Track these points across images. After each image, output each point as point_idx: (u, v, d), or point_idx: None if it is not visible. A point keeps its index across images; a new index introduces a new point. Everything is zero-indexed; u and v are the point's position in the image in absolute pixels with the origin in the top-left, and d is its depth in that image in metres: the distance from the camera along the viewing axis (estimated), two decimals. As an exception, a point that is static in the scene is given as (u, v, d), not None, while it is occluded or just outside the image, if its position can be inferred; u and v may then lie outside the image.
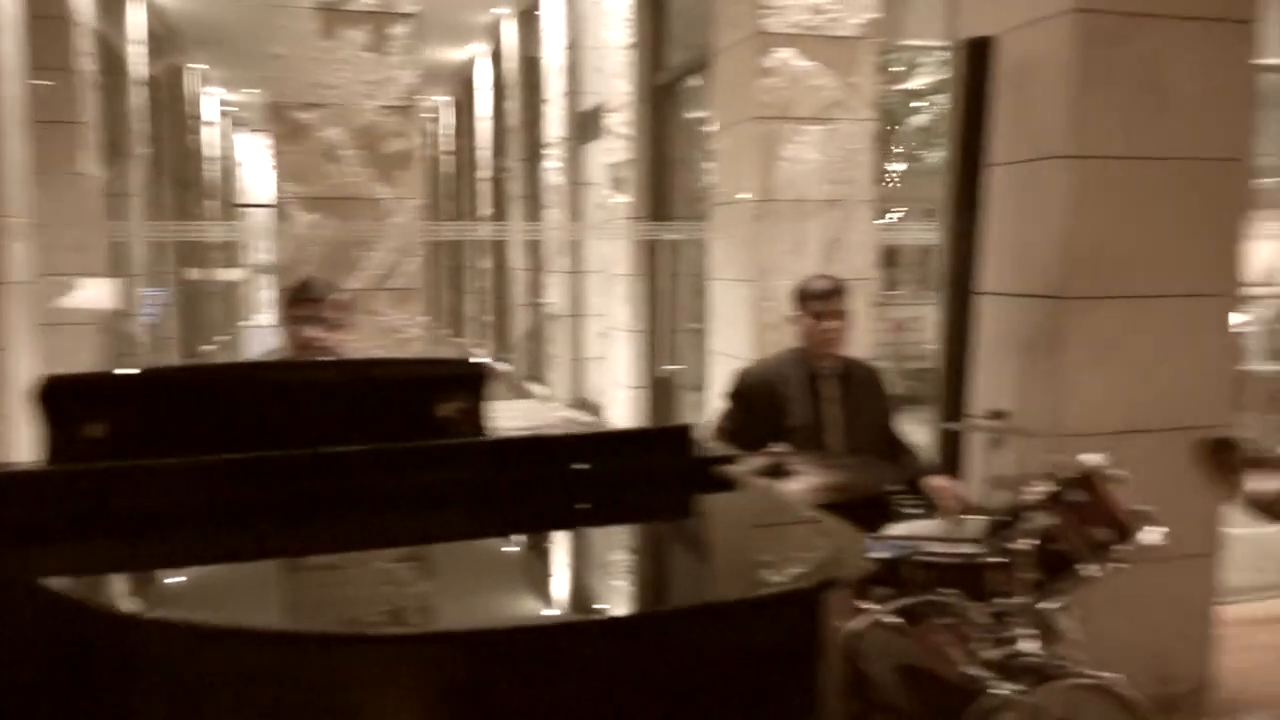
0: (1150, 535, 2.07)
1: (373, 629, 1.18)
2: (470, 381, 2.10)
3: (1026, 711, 1.84)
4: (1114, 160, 2.80)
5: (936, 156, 9.30)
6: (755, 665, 1.14)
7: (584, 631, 1.12)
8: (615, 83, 6.99)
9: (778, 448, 2.24)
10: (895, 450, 2.84)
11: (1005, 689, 1.82)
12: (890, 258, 10.62)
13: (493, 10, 10.58)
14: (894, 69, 9.42)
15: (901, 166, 10.63)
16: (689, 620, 1.14)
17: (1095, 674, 1.90)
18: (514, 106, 10.54)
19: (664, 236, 6.41)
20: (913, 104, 9.32)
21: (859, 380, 2.84)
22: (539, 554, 1.49)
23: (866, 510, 2.46)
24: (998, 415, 2.32)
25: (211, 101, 14.23)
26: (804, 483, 2.17)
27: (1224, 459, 1.18)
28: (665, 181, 6.57)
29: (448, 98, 15.88)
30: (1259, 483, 1.15)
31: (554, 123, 8.88)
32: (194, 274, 12.07)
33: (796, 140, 4.67)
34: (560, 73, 8.68)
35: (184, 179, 11.71)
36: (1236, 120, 2.90)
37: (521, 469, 1.65)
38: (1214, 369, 2.95)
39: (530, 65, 10.18)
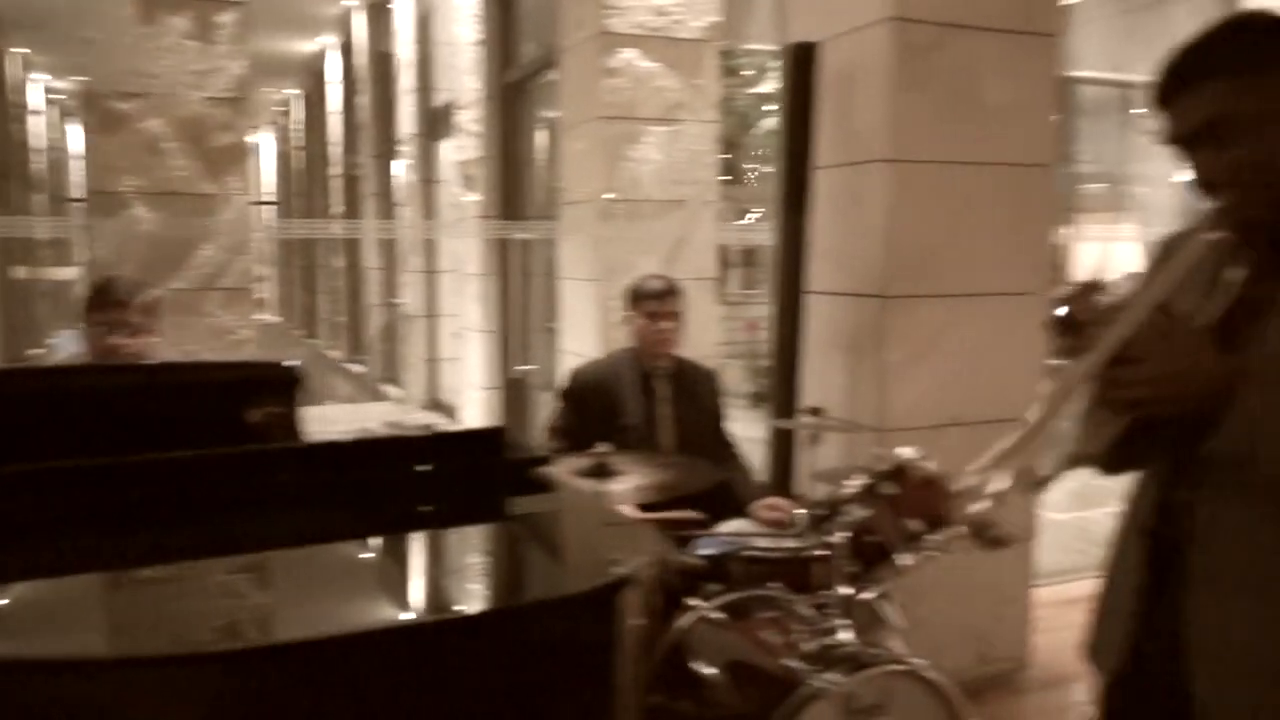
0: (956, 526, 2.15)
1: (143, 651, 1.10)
2: (281, 384, 2.02)
3: (839, 700, 1.89)
4: (931, 164, 2.92)
5: (787, 159, 9.56)
6: (551, 667, 1.12)
7: (364, 641, 1.08)
8: (465, 79, 6.88)
9: (602, 447, 2.23)
10: (725, 454, 2.88)
11: (820, 680, 1.87)
12: (747, 258, 10.86)
13: (343, 2, 10.27)
14: (746, 72, 9.63)
15: (758, 168, 10.86)
16: (478, 626, 1.12)
17: (905, 659, 1.97)
18: (366, 101, 10.26)
19: (514, 235, 6.35)
20: (764, 107, 9.52)
21: (692, 381, 2.87)
22: (333, 563, 1.43)
23: (695, 508, 2.49)
24: (815, 412, 2.38)
25: (36, 88, 13.31)
26: (628, 482, 2.17)
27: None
28: (516, 180, 6.51)
29: (298, 91, 15.34)
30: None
31: (405, 119, 8.68)
32: (21, 272, 11.28)
33: (642, 141, 4.69)
34: (410, 68, 8.50)
35: (4, 170, 10.92)
36: (1043, 128, 3.07)
37: (330, 474, 1.59)
38: (1026, 364, 3.11)
39: (381, 59, 9.93)
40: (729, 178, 10.37)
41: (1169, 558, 1.28)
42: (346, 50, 11.48)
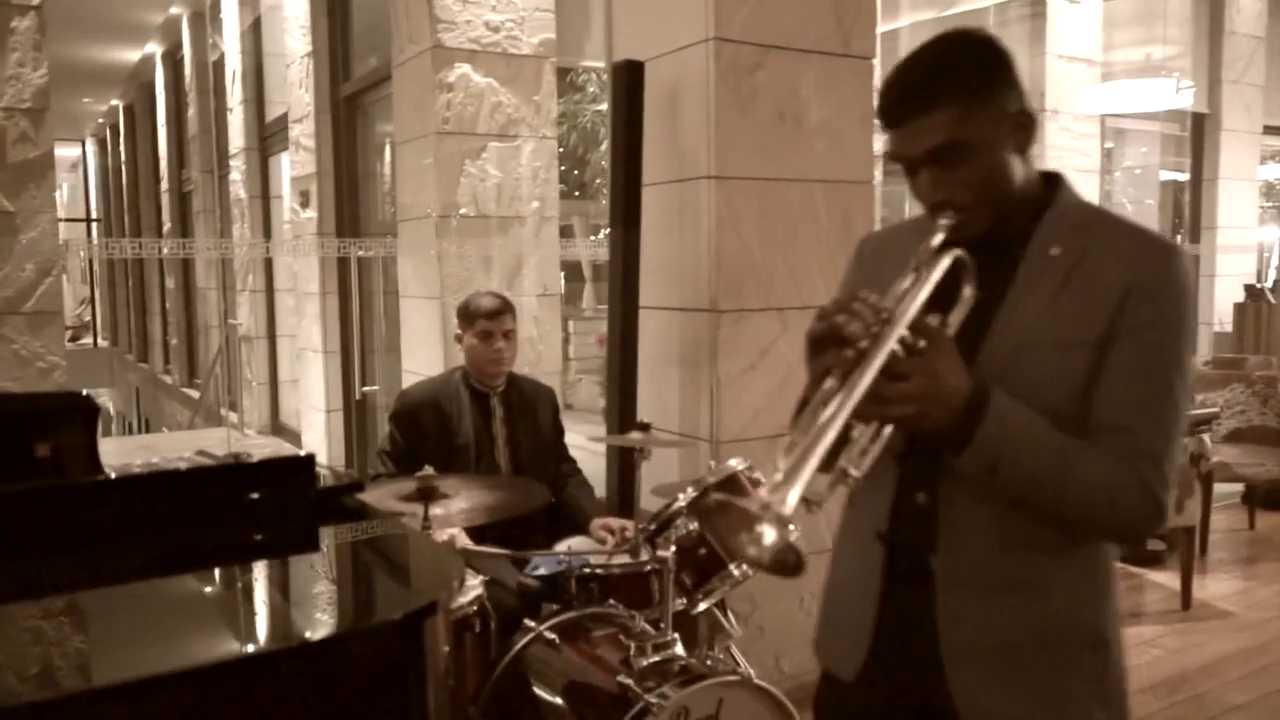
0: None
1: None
2: (76, 415, 1.90)
3: (672, 714, 1.90)
4: (755, 181, 3.00)
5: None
6: (359, 697, 1.08)
7: (172, 681, 1.01)
8: (298, 92, 6.66)
9: (428, 470, 2.18)
10: (566, 471, 2.87)
11: (653, 695, 1.87)
12: (598, 273, 10.91)
13: (170, 9, 9.78)
14: (591, 89, 9.69)
15: (601, 183, 10.92)
16: (277, 663, 1.07)
17: (736, 670, 2.00)
18: (195, 114, 9.80)
19: (351, 253, 6.18)
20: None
21: (528, 398, 2.85)
22: (142, 600, 1.35)
23: (529, 527, 2.47)
24: (644, 427, 2.39)
25: None
26: (456, 504, 2.13)
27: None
28: (354, 196, 6.34)
29: (122, 102, 14.51)
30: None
31: (237, 132, 8.33)
32: None
33: (480, 157, 4.65)
34: (241, 79, 8.17)
35: None
36: (862, 146, 3.20)
37: (139, 507, 1.50)
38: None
39: (210, 70, 9.51)
40: (577, 193, 10.42)
41: (908, 560, 1.33)
42: (173, 60, 10.95)
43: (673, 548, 2.05)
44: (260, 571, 1.50)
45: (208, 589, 1.44)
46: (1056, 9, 6.65)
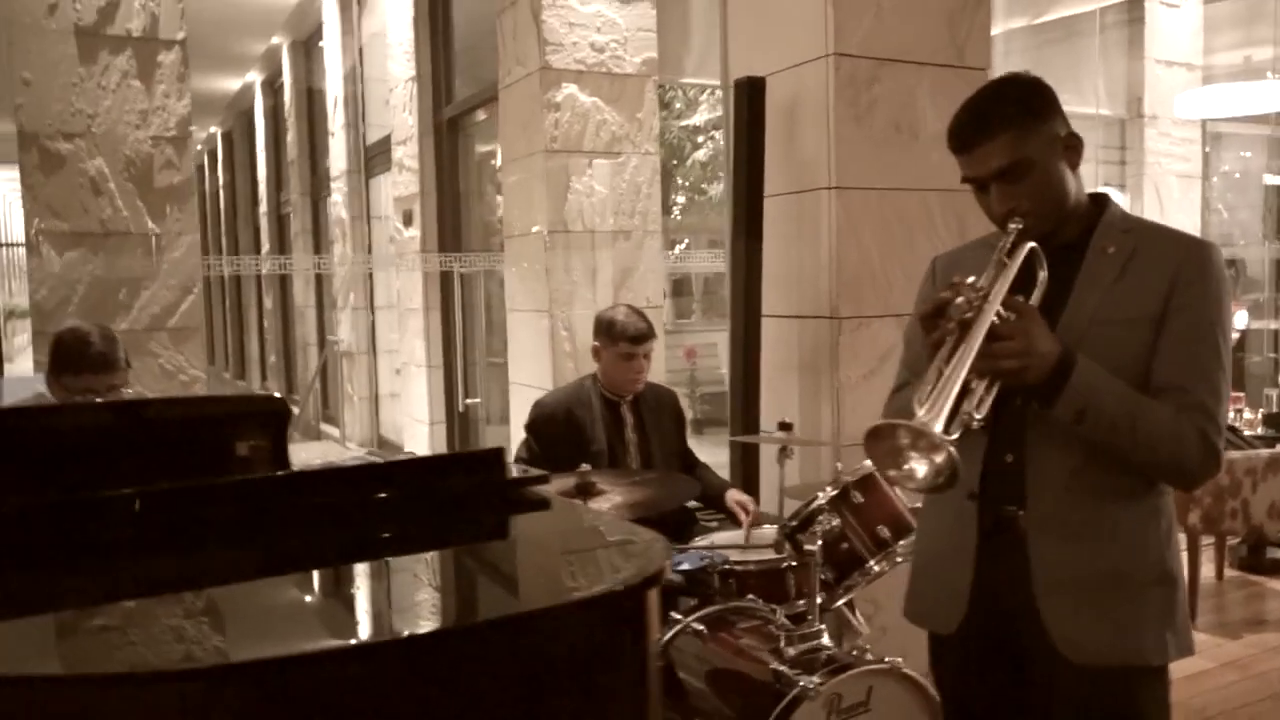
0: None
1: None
2: (268, 417, 2.05)
3: (826, 700, 1.97)
4: (872, 191, 3.07)
5: (718, 189, 9.78)
6: (585, 669, 1.18)
7: (399, 650, 1.13)
8: (401, 115, 6.92)
9: (584, 467, 2.30)
10: (692, 469, 2.97)
11: (808, 681, 1.95)
12: (679, 287, 11.02)
13: (272, 39, 10.22)
14: (675, 105, 9.85)
15: (684, 199, 11.07)
16: (510, 630, 1.17)
17: (884, 658, 2.07)
18: (294, 139, 10.20)
19: (457, 268, 6.39)
20: (698, 139, 9.74)
21: (655, 405, 2.95)
22: (352, 583, 1.47)
23: (670, 524, 2.56)
24: (784, 427, 2.48)
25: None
26: (609, 500, 2.24)
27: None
28: (456, 215, 6.56)
29: (222, 129, 15.14)
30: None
31: (338, 156, 8.66)
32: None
33: (585, 173, 4.80)
34: (342, 104, 8.50)
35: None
36: (976, 155, 3.24)
37: (334, 499, 1.62)
38: (969, 378, 3.27)
39: (311, 96, 9.90)
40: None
41: (995, 515, 1.54)
42: (273, 87, 11.41)
43: (819, 542, 2.12)
44: (466, 556, 1.61)
45: (421, 572, 1.55)
46: (1155, 13, 6.58)
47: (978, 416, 1.41)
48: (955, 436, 1.35)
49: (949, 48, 3.16)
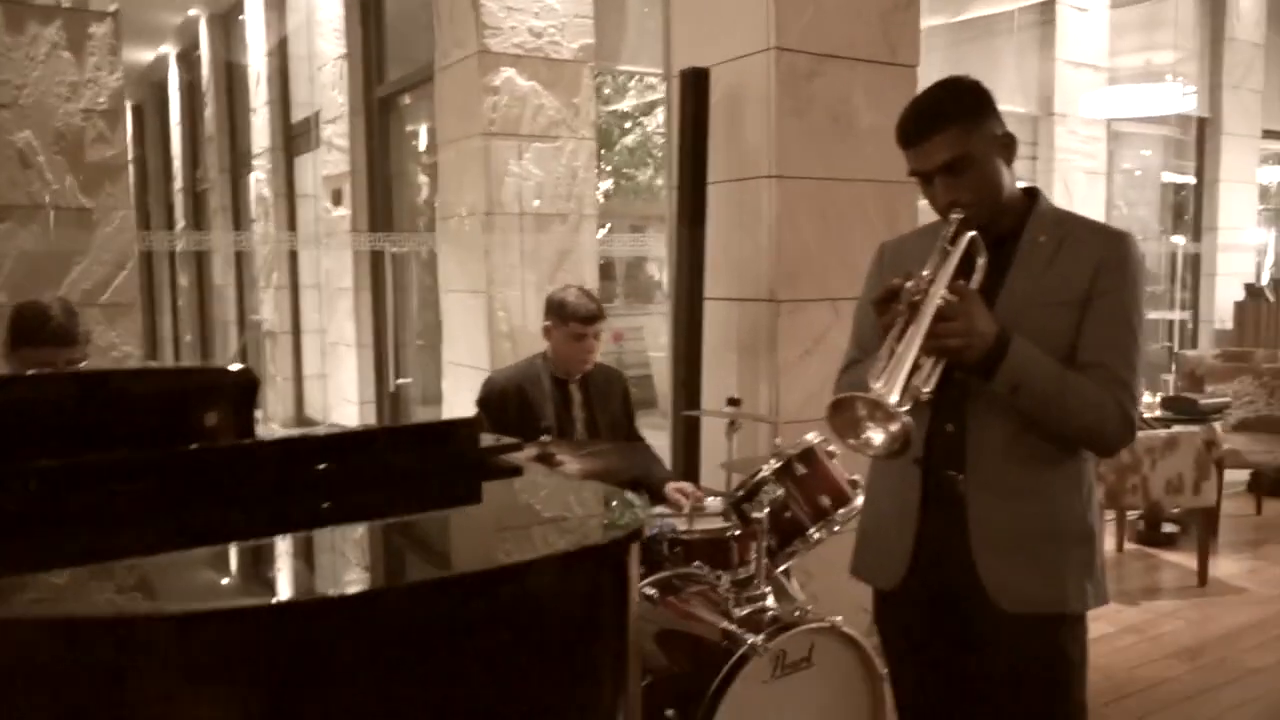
0: (860, 502, 2.43)
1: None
2: (234, 390, 2.09)
3: (772, 656, 2.11)
4: (811, 180, 3.22)
5: (645, 174, 9.88)
6: (575, 619, 1.28)
7: (420, 593, 1.22)
8: (330, 94, 6.85)
9: (544, 437, 2.39)
10: (638, 448, 3.07)
11: (755, 638, 2.08)
12: (602, 271, 11.10)
13: (189, 11, 9.94)
14: (605, 91, 9.90)
15: (609, 184, 11.14)
16: (522, 574, 1.27)
17: (825, 618, 2.22)
18: (213, 114, 9.96)
19: (391, 248, 6.38)
20: (625, 125, 9.81)
21: (603, 385, 3.05)
22: (350, 541, 1.54)
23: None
24: (733, 402, 2.61)
25: None
26: (568, 470, 2.34)
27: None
28: (388, 195, 6.54)
29: (133, 102, 14.62)
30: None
31: (260, 133, 8.50)
32: None
33: (523, 157, 4.85)
34: (265, 80, 8.34)
35: None
36: (905, 148, 3.41)
37: (312, 467, 1.68)
38: (897, 360, 3.45)
39: (230, 71, 9.68)
40: (587, 192, 10.60)
41: (938, 478, 1.71)
42: (189, 60, 11.10)
43: (767, 510, 2.26)
44: (452, 518, 1.68)
45: (413, 531, 1.62)
46: (1066, 16, 6.89)
47: (925, 390, 1.56)
48: (907, 408, 1.49)
49: (882, 45, 3.32)
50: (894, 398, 1.48)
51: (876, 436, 1.49)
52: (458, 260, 5.09)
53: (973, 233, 1.66)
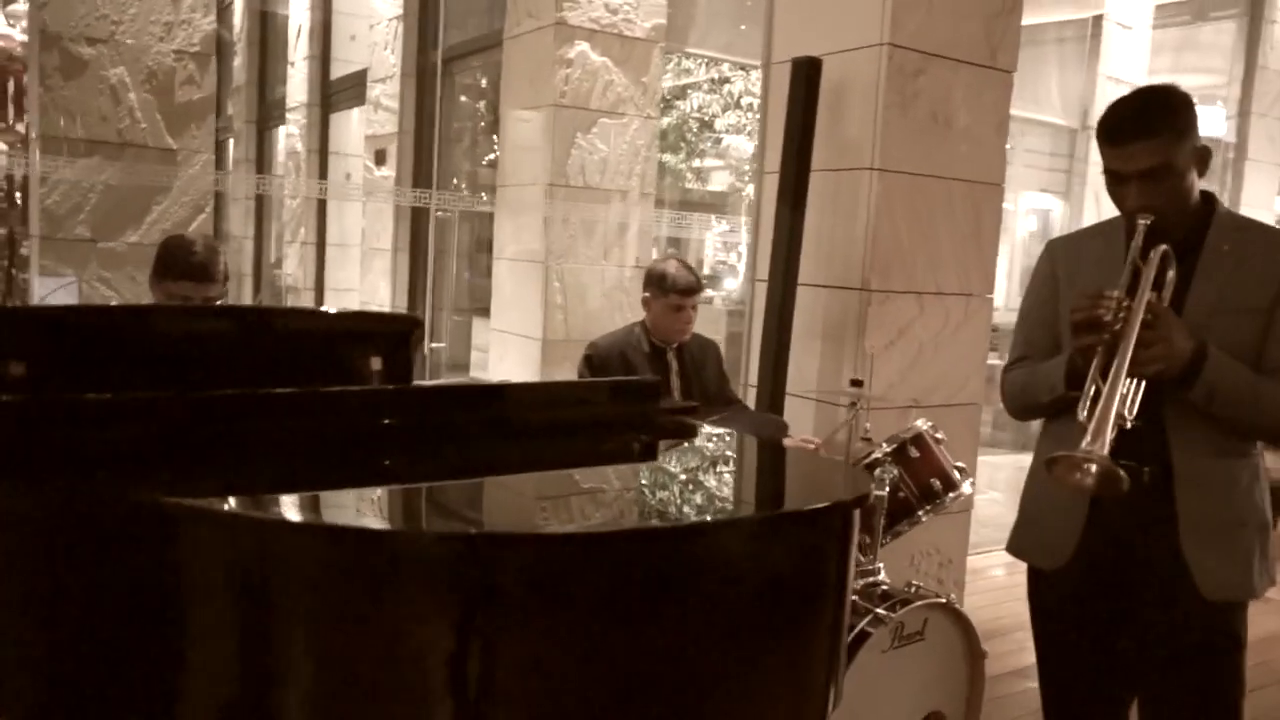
0: (967, 486, 2.53)
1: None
2: (398, 335, 2.16)
3: (892, 628, 2.21)
4: (908, 175, 3.30)
5: (675, 159, 9.91)
6: (816, 569, 1.37)
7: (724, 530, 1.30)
8: (382, 53, 6.86)
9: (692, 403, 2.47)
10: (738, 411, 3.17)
11: (881, 610, 2.18)
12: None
13: (222, -42, 9.85)
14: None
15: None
16: (791, 524, 1.35)
17: (939, 594, 2.32)
18: (242, 63, 9.90)
19: (433, 209, 6.41)
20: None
21: (699, 353, 3.13)
22: (618, 480, 1.61)
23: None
24: (856, 384, 2.70)
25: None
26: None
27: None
28: (433, 159, 6.56)
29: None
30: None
31: (297, 87, 8.47)
32: None
33: (591, 131, 4.91)
34: (307, 34, 8.31)
35: None
36: (996, 151, 3.51)
37: (509, 414, 1.75)
38: (971, 357, 3.56)
39: (265, 21, 9.63)
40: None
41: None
42: (219, 5, 10.99)
43: (887, 488, 2.35)
44: (670, 464, 1.75)
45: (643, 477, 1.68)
46: (1110, 32, 7.01)
47: (1130, 417, 1.63)
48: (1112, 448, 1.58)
49: (984, 49, 3.40)
50: (1105, 450, 1.57)
51: (1090, 482, 1.58)
52: (515, 228, 5.14)
53: (1165, 247, 1.71)
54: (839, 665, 1.45)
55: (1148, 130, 1.69)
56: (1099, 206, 7.23)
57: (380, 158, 6.83)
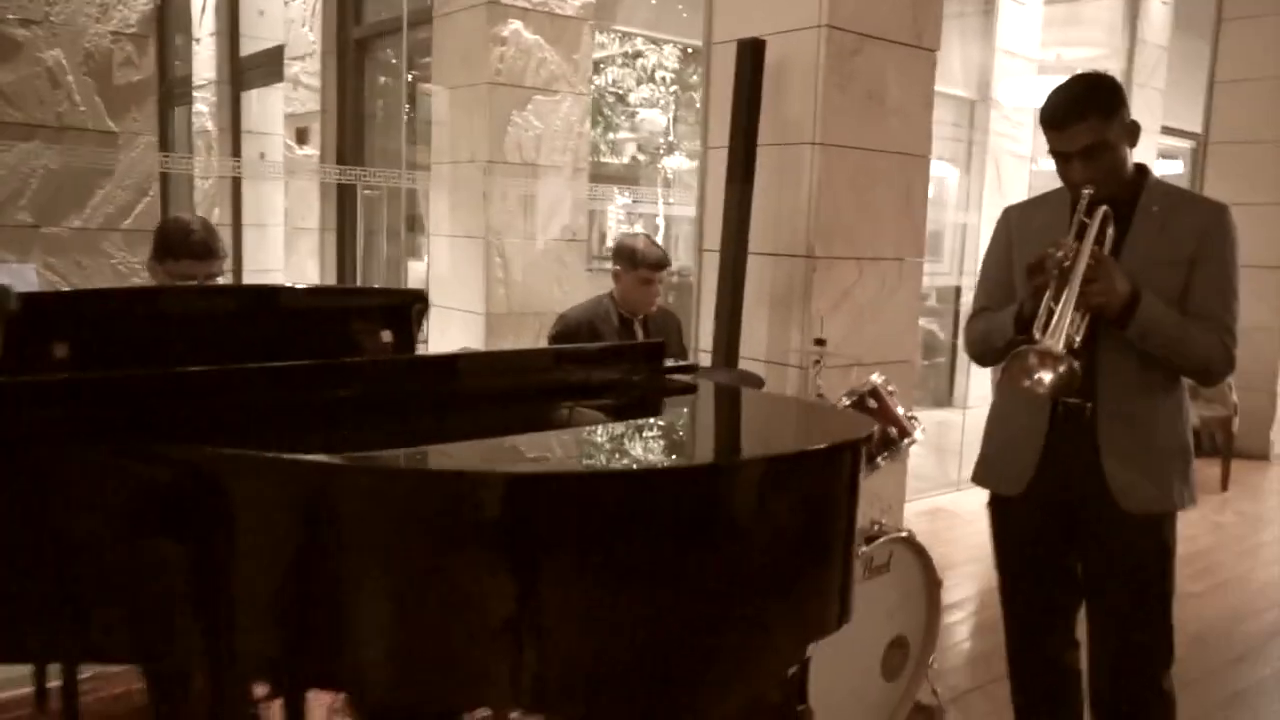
0: (919, 433, 2.78)
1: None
2: (401, 309, 2.27)
3: (864, 559, 2.45)
4: (847, 149, 3.54)
5: (595, 132, 9.99)
6: (827, 504, 1.57)
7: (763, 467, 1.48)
8: (300, 30, 6.78)
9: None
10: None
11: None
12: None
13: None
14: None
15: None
16: (819, 459, 1.55)
17: (903, 529, 2.57)
18: (140, 40, 9.56)
19: (361, 189, 6.41)
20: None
21: (662, 324, 3.32)
22: (627, 432, 1.77)
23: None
24: (820, 343, 2.92)
25: None
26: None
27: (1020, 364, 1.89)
28: (359, 136, 6.55)
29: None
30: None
31: (204, 64, 8.27)
32: None
33: (526, 108, 5.01)
34: (212, 10, 8.12)
35: None
36: (923, 125, 3.78)
37: (523, 380, 1.91)
38: (905, 318, 3.83)
39: (163, -3, 9.32)
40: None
41: (1066, 408, 2.06)
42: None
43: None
44: (695, 416, 1.92)
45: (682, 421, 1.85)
46: (1005, 8, 7.40)
47: (1078, 338, 1.91)
48: (1068, 352, 1.84)
49: (911, 29, 3.65)
50: (1060, 346, 1.84)
51: (1047, 377, 1.83)
52: (451, 205, 5.22)
53: (1105, 207, 1.99)
54: (851, 585, 1.66)
55: (1082, 114, 1.96)
56: (999, 175, 7.67)
57: (302, 136, 6.78)
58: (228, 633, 1.40)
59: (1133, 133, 2.04)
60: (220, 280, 2.57)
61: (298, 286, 2.81)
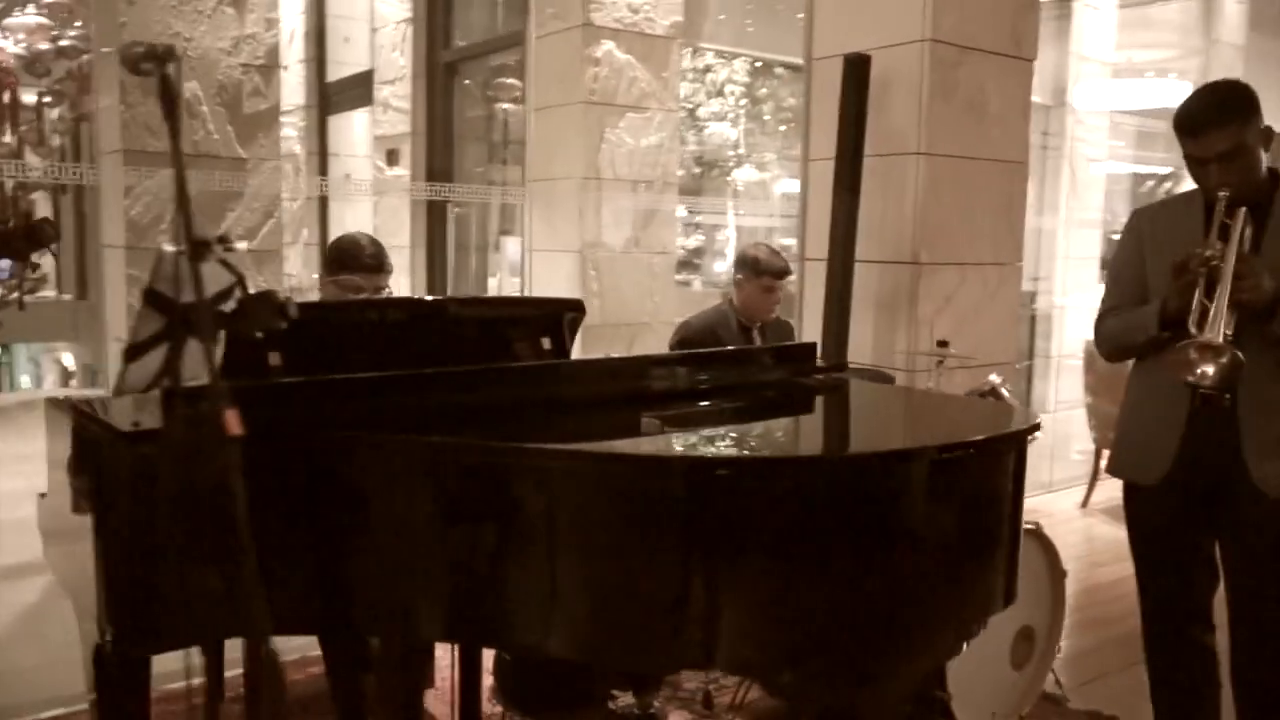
0: (1038, 432, 2.88)
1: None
2: (558, 319, 2.44)
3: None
4: (950, 158, 3.64)
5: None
6: (1006, 486, 1.70)
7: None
8: (390, 55, 7.05)
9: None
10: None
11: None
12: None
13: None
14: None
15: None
16: (993, 447, 1.67)
17: (1027, 521, 2.66)
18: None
19: (452, 207, 6.64)
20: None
21: (777, 331, 3.46)
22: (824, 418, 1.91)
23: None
24: (943, 344, 3.03)
25: None
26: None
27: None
28: (448, 156, 6.79)
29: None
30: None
31: (292, 90, 8.60)
32: None
33: (618, 126, 5.20)
34: (300, 38, 8.45)
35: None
36: (1021, 133, 3.87)
37: (693, 379, 2.05)
38: (1005, 320, 3.92)
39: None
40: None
41: (1204, 398, 2.12)
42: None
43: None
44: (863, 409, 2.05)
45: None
46: (1080, 13, 7.43)
47: (1228, 333, 1.99)
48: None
49: (1010, 40, 3.75)
50: (1220, 339, 1.94)
51: (1210, 369, 1.92)
52: (547, 221, 5.41)
53: (1244, 209, 2.08)
54: (1017, 566, 1.78)
55: (1219, 120, 2.05)
56: (1075, 181, 7.68)
57: (392, 157, 7.04)
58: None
59: (1267, 138, 2.13)
60: (385, 293, 2.76)
61: (464, 297, 2.98)
